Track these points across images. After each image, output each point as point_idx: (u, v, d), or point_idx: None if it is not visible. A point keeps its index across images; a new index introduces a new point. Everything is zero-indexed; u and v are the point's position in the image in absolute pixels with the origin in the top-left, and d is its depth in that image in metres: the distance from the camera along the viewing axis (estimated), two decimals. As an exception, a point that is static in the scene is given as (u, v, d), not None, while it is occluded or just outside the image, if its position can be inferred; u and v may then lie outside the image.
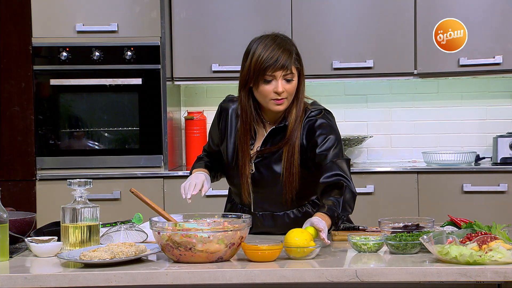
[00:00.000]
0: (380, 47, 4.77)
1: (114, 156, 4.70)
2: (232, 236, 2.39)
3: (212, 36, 4.80)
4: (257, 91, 2.83)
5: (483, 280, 2.25)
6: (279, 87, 2.80)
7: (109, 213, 4.21)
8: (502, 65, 4.70)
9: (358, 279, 2.27)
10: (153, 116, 4.68)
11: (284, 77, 2.81)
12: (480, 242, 2.33)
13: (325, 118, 2.89)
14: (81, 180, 2.59)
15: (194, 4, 4.80)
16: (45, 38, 4.67)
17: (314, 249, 2.43)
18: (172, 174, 4.67)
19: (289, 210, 2.95)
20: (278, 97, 2.81)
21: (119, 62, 4.67)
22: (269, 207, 2.95)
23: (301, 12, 4.75)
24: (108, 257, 2.36)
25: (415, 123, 5.11)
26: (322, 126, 2.86)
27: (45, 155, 4.68)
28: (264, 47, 2.81)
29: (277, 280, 2.29)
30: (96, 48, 4.67)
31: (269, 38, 2.85)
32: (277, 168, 2.89)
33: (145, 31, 4.68)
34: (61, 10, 4.66)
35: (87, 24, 4.67)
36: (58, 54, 4.66)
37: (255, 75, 2.81)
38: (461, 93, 5.09)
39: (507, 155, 4.72)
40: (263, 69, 2.79)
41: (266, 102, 2.84)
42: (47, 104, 4.69)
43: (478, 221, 2.60)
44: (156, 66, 4.68)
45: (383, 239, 2.52)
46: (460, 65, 4.71)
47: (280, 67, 2.79)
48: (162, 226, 2.42)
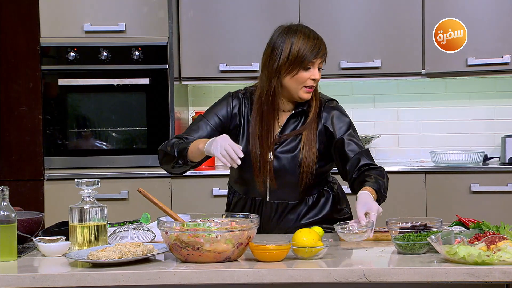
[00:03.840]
0: (388, 47, 4.77)
1: (121, 156, 4.71)
2: (240, 236, 2.39)
3: (220, 36, 4.80)
4: (292, 78, 2.90)
5: (491, 280, 2.25)
6: (317, 74, 2.91)
7: (117, 213, 4.22)
8: (510, 65, 4.69)
9: (366, 279, 2.27)
10: (160, 116, 4.69)
11: (319, 66, 2.93)
12: (488, 242, 2.32)
13: (339, 106, 3.02)
14: (89, 180, 2.60)
15: (201, 4, 4.80)
16: (53, 38, 4.68)
17: (321, 249, 2.43)
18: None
19: (304, 198, 2.98)
20: (313, 84, 2.91)
21: (126, 62, 4.68)
22: (285, 196, 2.96)
23: (309, 12, 4.75)
24: (116, 256, 2.36)
25: (423, 123, 5.10)
26: (339, 113, 2.98)
27: (53, 155, 4.69)
28: (304, 37, 2.90)
29: (285, 280, 2.28)
30: (104, 48, 4.68)
31: (302, 28, 2.94)
32: (295, 154, 2.93)
33: (152, 31, 4.68)
34: (69, 10, 4.67)
35: (95, 24, 4.68)
36: (66, 54, 4.67)
37: (296, 63, 2.88)
38: (469, 93, 5.08)
39: (515, 155, 4.71)
40: (307, 57, 2.88)
41: (298, 89, 2.92)
42: (55, 104, 4.70)
43: (486, 221, 2.59)
44: (163, 66, 4.68)
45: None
46: (468, 65, 4.70)
47: (321, 56, 2.91)
48: (169, 226, 2.42)
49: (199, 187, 4.67)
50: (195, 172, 4.73)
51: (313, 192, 2.99)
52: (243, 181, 3.02)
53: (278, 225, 2.99)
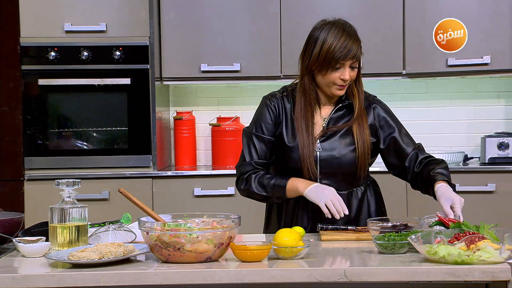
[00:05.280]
0: (369, 47, 4.76)
1: (102, 156, 4.69)
2: (221, 236, 2.39)
3: (201, 36, 4.79)
4: (323, 76, 2.92)
5: (471, 279, 2.26)
6: (346, 75, 2.90)
7: (98, 213, 4.20)
8: (490, 65, 4.71)
9: (347, 279, 2.27)
10: (142, 116, 4.68)
11: (351, 65, 2.91)
12: (468, 241, 2.34)
13: (384, 103, 3.08)
14: (69, 180, 2.59)
15: (182, 4, 4.79)
16: (33, 38, 4.65)
17: (302, 249, 2.43)
18: (161, 174, 4.67)
19: (355, 188, 3.01)
20: (343, 83, 2.91)
21: (107, 62, 4.67)
22: (335, 187, 2.95)
23: (290, 12, 4.75)
24: (97, 257, 2.35)
25: (403, 123, 5.10)
26: (387, 109, 3.05)
27: (33, 155, 4.67)
28: (336, 36, 2.89)
29: (266, 280, 2.29)
30: (85, 48, 4.66)
31: (338, 26, 2.93)
32: (343, 146, 2.96)
33: (134, 31, 4.67)
34: (49, 9, 4.65)
35: (75, 24, 4.66)
36: (47, 54, 4.65)
37: (325, 63, 2.88)
38: (450, 93, 5.11)
39: (495, 155, 4.74)
40: (336, 59, 2.87)
41: (329, 86, 2.93)
42: (36, 104, 4.68)
43: (466, 221, 2.61)
44: (145, 66, 4.67)
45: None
46: (448, 65, 4.73)
47: (351, 57, 2.89)
48: (150, 226, 2.42)
49: (181, 187, 4.67)
50: (177, 172, 4.73)
51: (360, 184, 3.02)
52: (294, 173, 2.97)
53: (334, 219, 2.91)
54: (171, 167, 5.01)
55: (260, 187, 2.94)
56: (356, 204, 3.01)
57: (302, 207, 2.98)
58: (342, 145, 2.96)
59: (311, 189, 2.86)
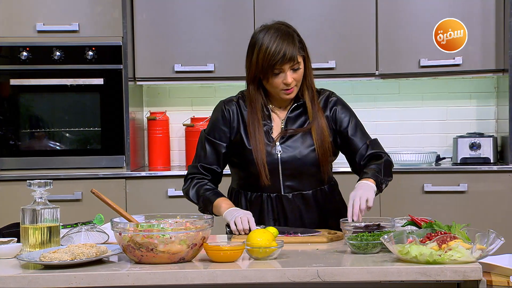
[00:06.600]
0: (342, 48, 4.80)
1: (75, 156, 4.67)
2: (194, 236, 2.39)
3: (175, 37, 4.79)
4: (267, 83, 2.90)
5: (442, 279, 2.27)
6: (288, 78, 2.87)
7: (70, 214, 4.17)
8: (461, 66, 4.75)
9: (320, 279, 2.28)
10: (115, 116, 4.66)
11: (291, 67, 2.87)
12: (439, 241, 2.35)
13: (340, 98, 3.06)
14: (41, 181, 2.57)
15: (156, 5, 4.78)
16: (4, 37, 4.62)
17: (276, 249, 2.44)
18: (134, 174, 4.65)
19: (317, 188, 3.01)
20: (287, 87, 2.89)
21: (80, 62, 4.64)
22: (299, 187, 2.96)
23: (264, 13, 4.75)
24: (69, 258, 2.34)
25: (376, 124, 5.15)
26: (342, 105, 3.03)
27: (5, 156, 4.63)
28: (269, 41, 2.85)
29: (239, 281, 2.29)
30: (57, 48, 4.63)
31: (272, 30, 2.88)
32: (304, 146, 2.95)
33: (106, 31, 4.65)
34: (21, 9, 4.62)
35: (47, 23, 4.63)
36: (18, 53, 4.62)
37: (264, 70, 2.86)
38: (422, 94, 5.14)
39: (467, 155, 4.77)
40: (272, 65, 2.84)
41: (277, 92, 2.92)
42: (7, 104, 4.65)
43: (438, 221, 2.62)
44: (118, 66, 4.66)
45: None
46: (420, 66, 4.76)
47: (288, 61, 2.85)
48: (123, 227, 2.41)
49: (154, 187, 4.65)
50: (150, 172, 4.72)
51: (325, 183, 3.03)
52: (254, 180, 2.97)
53: (301, 219, 2.98)
54: (145, 168, 5.00)
55: (195, 195, 2.99)
56: (322, 203, 3.01)
57: (266, 206, 2.99)
58: (303, 146, 2.96)
59: (229, 211, 2.86)
